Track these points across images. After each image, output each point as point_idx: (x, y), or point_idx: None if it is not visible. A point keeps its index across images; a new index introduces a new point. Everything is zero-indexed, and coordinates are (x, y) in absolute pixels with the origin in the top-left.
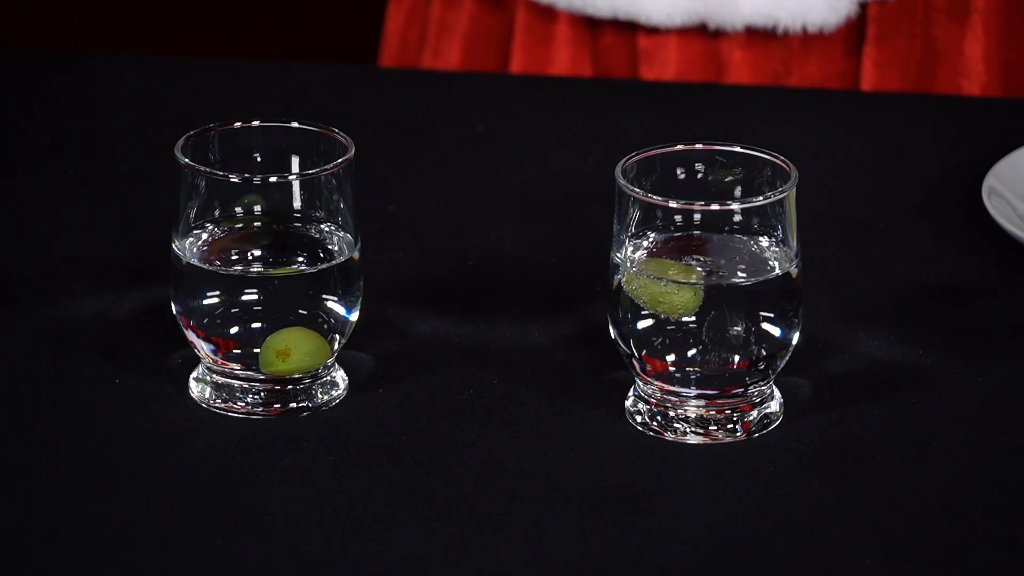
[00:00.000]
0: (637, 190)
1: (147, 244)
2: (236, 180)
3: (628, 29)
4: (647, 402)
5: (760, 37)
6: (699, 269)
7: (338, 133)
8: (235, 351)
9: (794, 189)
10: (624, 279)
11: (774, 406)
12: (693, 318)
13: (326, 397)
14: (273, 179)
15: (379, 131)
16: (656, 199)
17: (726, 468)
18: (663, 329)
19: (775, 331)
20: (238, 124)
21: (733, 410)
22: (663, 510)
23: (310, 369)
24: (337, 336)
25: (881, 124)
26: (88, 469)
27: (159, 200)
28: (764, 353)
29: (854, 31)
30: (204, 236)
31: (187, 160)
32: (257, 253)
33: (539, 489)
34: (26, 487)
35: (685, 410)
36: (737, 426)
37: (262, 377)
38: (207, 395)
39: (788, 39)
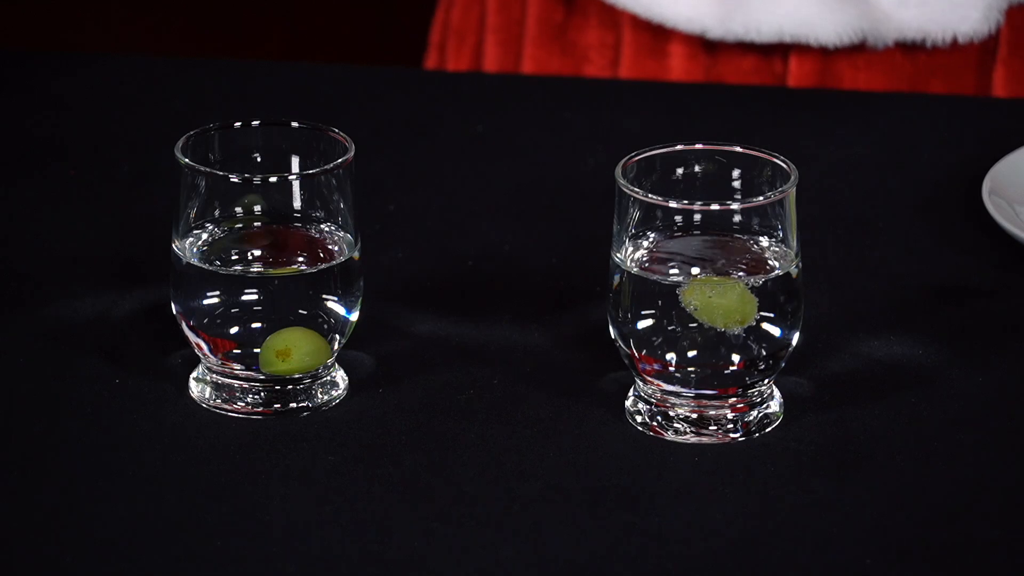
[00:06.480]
0: (637, 190)
1: (147, 244)
2: (236, 180)
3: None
4: (647, 402)
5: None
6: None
7: (338, 133)
8: (235, 351)
9: (794, 189)
10: (681, 299)
11: (774, 406)
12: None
13: (326, 397)
14: (273, 179)
15: (379, 131)
16: (656, 199)
17: (726, 468)
18: (663, 329)
19: (775, 331)
20: (238, 124)
21: (733, 410)
22: (663, 510)
23: (310, 369)
24: (337, 336)
25: (881, 124)
26: (88, 469)
27: (159, 200)
28: (764, 353)
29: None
30: (204, 236)
31: (187, 160)
32: (257, 253)
33: (539, 489)
34: (26, 487)
35: (685, 410)
36: (737, 426)
37: (262, 377)
38: (207, 395)
39: (916, 54)
